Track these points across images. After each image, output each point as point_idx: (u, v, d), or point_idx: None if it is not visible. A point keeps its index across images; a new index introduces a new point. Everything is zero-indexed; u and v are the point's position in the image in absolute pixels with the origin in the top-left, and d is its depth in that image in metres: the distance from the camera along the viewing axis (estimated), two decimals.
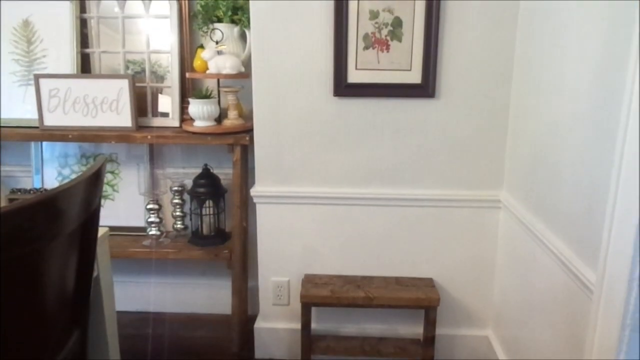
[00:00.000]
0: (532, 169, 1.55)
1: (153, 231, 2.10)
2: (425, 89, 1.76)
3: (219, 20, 1.93)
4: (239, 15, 1.92)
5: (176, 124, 2.05)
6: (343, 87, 1.77)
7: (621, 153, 1.00)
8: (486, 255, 1.91)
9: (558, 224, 1.36)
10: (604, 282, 1.05)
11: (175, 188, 2.15)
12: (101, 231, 1.26)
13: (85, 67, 2.07)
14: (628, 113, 0.98)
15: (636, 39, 0.95)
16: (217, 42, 1.87)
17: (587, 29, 1.21)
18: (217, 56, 1.86)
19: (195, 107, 1.90)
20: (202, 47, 1.99)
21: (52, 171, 2.21)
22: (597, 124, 1.15)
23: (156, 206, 2.10)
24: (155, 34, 2.05)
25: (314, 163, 1.87)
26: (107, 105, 1.97)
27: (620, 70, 1.05)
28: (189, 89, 2.08)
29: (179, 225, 2.18)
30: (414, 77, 1.75)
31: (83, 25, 2.06)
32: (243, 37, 1.99)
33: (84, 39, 2.06)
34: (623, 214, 0.99)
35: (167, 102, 2.08)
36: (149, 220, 2.10)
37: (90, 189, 0.98)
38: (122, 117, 1.97)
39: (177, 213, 2.17)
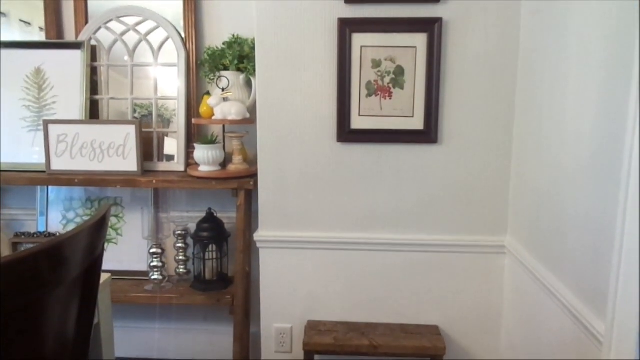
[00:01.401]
0: (536, 215, 1.55)
1: (155, 276, 2.08)
2: (427, 134, 1.78)
3: (225, 68, 1.98)
4: (244, 63, 1.97)
5: (181, 168, 2.07)
6: (346, 133, 1.79)
7: (625, 201, 1.00)
8: (492, 302, 1.88)
9: (564, 271, 1.34)
10: (613, 333, 1.03)
11: (179, 232, 2.15)
12: (103, 277, 1.25)
13: (93, 112, 2.11)
14: (630, 160, 0.98)
15: (636, 85, 0.97)
16: (223, 89, 1.92)
17: (586, 75, 1.24)
18: (223, 102, 1.90)
19: (201, 152, 1.92)
20: (208, 93, 2.03)
21: (56, 214, 2.22)
22: (599, 172, 1.16)
23: (159, 250, 2.09)
24: (163, 80, 2.11)
25: (318, 208, 1.87)
26: (114, 150, 2.00)
27: (620, 116, 1.06)
28: (194, 134, 2.11)
29: (181, 270, 2.16)
30: (417, 123, 1.78)
31: (93, 73, 2.11)
32: (248, 84, 2.03)
33: (93, 86, 2.11)
34: (630, 263, 0.98)
35: (173, 145, 2.11)
36: (152, 264, 2.09)
37: (95, 235, 0.98)
38: (128, 162, 2.00)
39: (180, 257, 2.16)
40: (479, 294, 1.88)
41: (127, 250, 2.21)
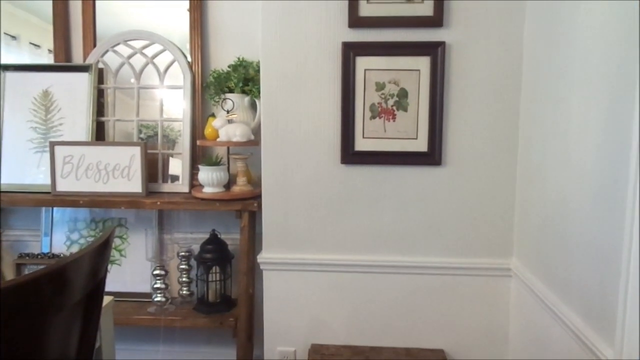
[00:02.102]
0: (542, 238, 1.54)
1: (158, 297, 2.07)
2: (431, 156, 1.78)
3: (230, 91, 2.00)
4: (249, 86, 1.99)
5: (186, 189, 2.08)
6: (350, 155, 1.80)
7: (631, 225, 0.99)
8: (498, 326, 1.85)
9: (571, 295, 1.32)
10: (622, 358, 1.01)
11: (183, 253, 2.14)
12: (106, 300, 1.24)
13: (99, 133, 2.13)
14: (635, 182, 0.98)
15: (637, 108, 0.97)
16: (228, 111, 1.93)
17: (590, 98, 1.24)
18: (228, 124, 1.91)
19: (205, 173, 1.93)
20: (213, 115, 2.05)
21: (60, 235, 2.22)
22: (604, 194, 1.15)
23: (162, 272, 2.09)
24: (168, 102, 2.13)
25: (322, 230, 1.86)
26: (119, 171, 2.01)
27: (624, 139, 1.06)
28: (199, 156, 2.12)
29: (184, 292, 2.15)
30: (420, 145, 1.78)
31: (100, 95, 2.14)
32: (253, 106, 2.05)
33: (99, 107, 2.14)
34: (637, 287, 0.97)
35: (177, 165, 2.12)
36: (155, 286, 2.08)
37: (98, 258, 0.98)
38: (133, 183, 2.01)
39: (184, 279, 2.15)
40: (485, 317, 1.85)
41: (131, 271, 2.20)
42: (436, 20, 1.71)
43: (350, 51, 1.74)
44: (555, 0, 1.45)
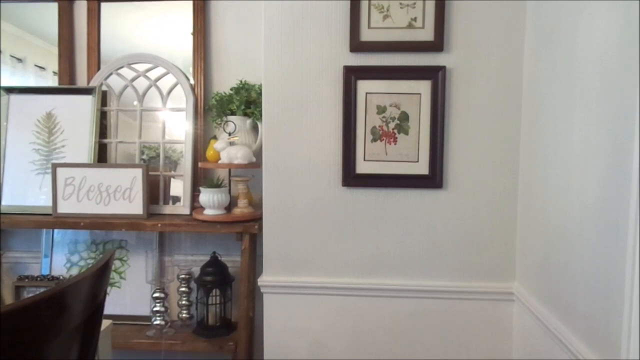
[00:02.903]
0: (544, 262, 1.52)
1: (158, 321, 2.05)
2: (432, 179, 1.78)
3: (232, 113, 2.02)
4: (251, 109, 2.00)
5: (187, 211, 2.07)
6: (352, 178, 1.80)
7: (633, 249, 0.99)
8: (501, 352, 1.82)
9: (574, 321, 1.31)
10: None
11: (183, 276, 2.13)
12: (104, 324, 1.23)
13: (102, 154, 2.14)
14: (636, 209, 0.98)
15: (637, 132, 0.98)
16: (229, 134, 1.94)
17: (591, 122, 1.24)
18: (229, 147, 1.92)
19: (206, 196, 1.93)
20: (215, 138, 2.06)
21: (61, 257, 2.21)
22: (606, 218, 1.15)
23: (162, 295, 2.07)
24: (171, 124, 2.15)
25: (323, 253, 1.85)
26: (120, 193, 2.01)
27: (625, 163, 1.06)
28: (200, 177, 2.13)
29: (184, 315, 2.13)
30: (422, 168, 1.78)
31: (102, 117, 2.15)
32: (255, 128, 2.06)
33: (102, 129, 2.15)
34: None
35: (179, 186, 2.12)
36: (155, 309, 2.06)
37: (97, 282, 0.98)
38: (134, 205, 2.01)
39: (183, 302, 2.13)
40: (488, 342, 1.83)
41: (131, 294, 2.19)
42: (437, 45, 1.73)
43: (352, 75, 1.76)
44: (555, 23, 1.47)
